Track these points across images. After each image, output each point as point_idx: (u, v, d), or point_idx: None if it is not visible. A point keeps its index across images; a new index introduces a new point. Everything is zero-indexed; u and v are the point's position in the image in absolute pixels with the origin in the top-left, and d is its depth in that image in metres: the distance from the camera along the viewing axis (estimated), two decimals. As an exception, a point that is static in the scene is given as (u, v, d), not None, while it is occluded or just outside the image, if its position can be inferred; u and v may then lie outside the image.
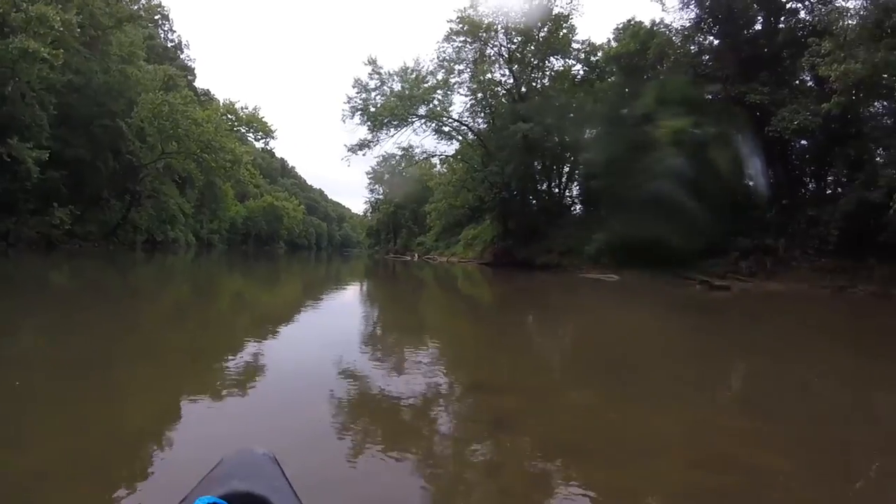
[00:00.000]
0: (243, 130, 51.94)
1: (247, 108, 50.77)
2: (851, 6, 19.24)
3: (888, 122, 19.70)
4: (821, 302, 17.46)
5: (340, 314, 12.69)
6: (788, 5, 24.23)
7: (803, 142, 22.50)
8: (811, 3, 23.04)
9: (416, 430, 4.43)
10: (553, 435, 4.41)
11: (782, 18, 24.15)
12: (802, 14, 23.57)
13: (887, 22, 15.94)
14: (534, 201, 41.66)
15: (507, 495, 3.28)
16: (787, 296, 18.58)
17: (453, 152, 45.19)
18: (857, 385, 6.92)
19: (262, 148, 75.63)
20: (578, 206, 40.45)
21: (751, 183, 21.96)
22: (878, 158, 19.17)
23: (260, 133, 52.79)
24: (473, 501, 3.29)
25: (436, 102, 40.83)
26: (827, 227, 19.17)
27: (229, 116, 49.77)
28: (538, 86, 41.15)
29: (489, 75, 40.86)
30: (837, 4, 20.28)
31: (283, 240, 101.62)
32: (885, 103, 19.92)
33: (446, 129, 42.65)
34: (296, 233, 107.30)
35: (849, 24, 18.51)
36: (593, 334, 11.33)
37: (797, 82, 23.18)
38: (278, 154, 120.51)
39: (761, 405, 5.84)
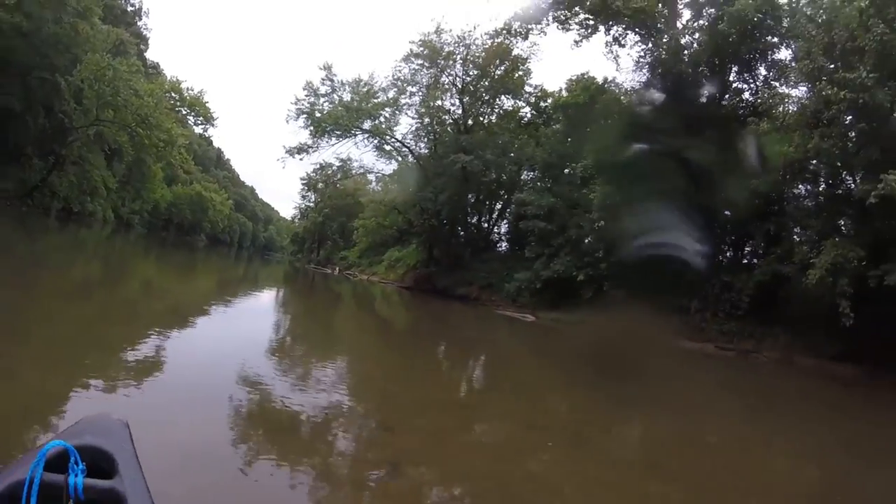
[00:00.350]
0: (184, 112, 50.69)
1: (192, 90, 49.87)
2: (794, 94, 20.32)
3: (809, 204, 20.49)
4: (725, 363, 18.02)
5: (249, 320, 12.27)
6: (735, 85, 25.21)
7: (727, 212, 23.27)
8: (757, 86, 24.07)
9: (304, 464, 4.02)
10: (449, 486, 4.35)
11: (727, 96, 25.07)
12: (747, 95, 24.54)
13: (826, 113, 16.69)
14: (462, 232, 41.50)
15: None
16: (694, 354, 18.94)
17: (391, 172, 44.95)
18: (748, 448, 7.01)
19: (201, 134, 73.93)
20: (504, 244, 40.65)
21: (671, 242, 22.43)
22: (795, 237, 19.96)
23: (201, 118, 51.72)
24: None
25: (382, 119, 40.85)
26: (739, 294, 19.66)
27: (173, 95, 48.61)
28: (485, 121, 41.56)
29: (439, 102, 40.98)
30: (782, 91, 21.30)
31: (206, 232, 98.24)
32: (808, 187, 20.84)
33: (388, 147, 42.52)
34: (219, 227, 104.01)
35: (789, 109, 19.57)
36: (501, 373, 11.39)
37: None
38: (216, 143, 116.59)
39: (654, 462, 5.88)
